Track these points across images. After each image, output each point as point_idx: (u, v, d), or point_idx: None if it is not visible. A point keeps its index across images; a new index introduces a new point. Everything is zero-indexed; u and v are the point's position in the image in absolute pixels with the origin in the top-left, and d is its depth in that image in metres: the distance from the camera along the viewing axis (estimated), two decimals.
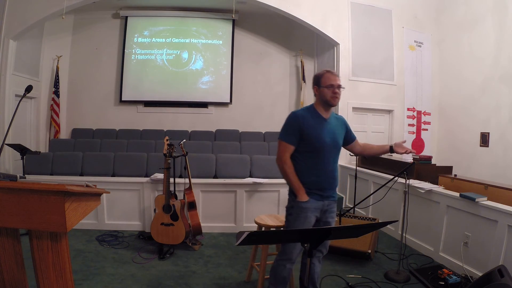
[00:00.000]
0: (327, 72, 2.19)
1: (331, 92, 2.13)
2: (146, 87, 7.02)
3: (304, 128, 2.11)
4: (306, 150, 2.14)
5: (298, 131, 2.12)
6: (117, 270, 3.00)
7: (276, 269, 2.22)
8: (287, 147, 2.14)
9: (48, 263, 1.65)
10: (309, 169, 2.14)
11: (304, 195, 2.12)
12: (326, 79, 2.15)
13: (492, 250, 2.74)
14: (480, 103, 5.47)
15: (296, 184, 2.13)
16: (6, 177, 1.64)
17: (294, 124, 2.13)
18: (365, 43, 6.10)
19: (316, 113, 2.19)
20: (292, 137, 2.13)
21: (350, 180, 5.49)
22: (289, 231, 1.68)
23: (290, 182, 2.16)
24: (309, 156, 2.14)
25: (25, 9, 5.33)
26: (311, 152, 2.13)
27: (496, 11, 5.22)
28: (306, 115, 2.16)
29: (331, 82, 2.14)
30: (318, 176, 2.14)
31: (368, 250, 3.30)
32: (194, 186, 3.85)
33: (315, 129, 2.13)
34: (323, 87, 2.14)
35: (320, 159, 2.14)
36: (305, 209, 2.12)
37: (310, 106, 2.25)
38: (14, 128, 5.23)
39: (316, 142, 2.12)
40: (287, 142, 2.14)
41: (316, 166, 2.13)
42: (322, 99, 2.17)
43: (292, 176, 2.14)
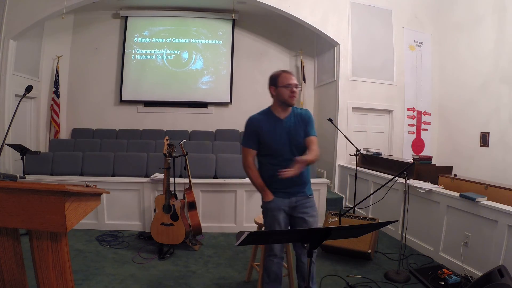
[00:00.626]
0: (283, 72, 2.21)
1: (289, 92, 2.15)
2: (146, 87, 7.02)
3: (260, 132, 2.18)
4: (264, 153, 2.22)
5: (255, 136, 2.20)
6: (117, 270, 3.00)
7: (265, 265, 2.28)
8: (248, 152, 2.23)
9: (48, 263, 1.65)
10: (271, 170, 2.16)
11: (267, 195, 2.21)
12: (283, 78, 2.17)
13: (492, 250, 2.74)
14: (480, 103, 5.47)
15: (259, 186, 2.23)
16: (6, 177, 1.64)
17: (251, 129, 2.22)
18: (365, 43, 6.11)
19: (272, 115, 2.22)
20: (251, 141, 2.22)
21: (350, 180, 5.49)
22: (289, 231, 1.68)
23: (254, 184, 2.26)
24: (270, 158, 2.21)
25: (25, 9, 5.33)
26: (269, 155, 2.21)
27: (496, 11, 5.22)
28: (262, 119, 2.22)
29: (289, 82, 2.16)
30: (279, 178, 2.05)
31: (368, 250, 3.30)
32: (194, 186, 3.85)
33: (270, 132, 2.17)
34: (281, 87, 2.16)
35: (280, 160, 2.16)
36: (270, 208, 2.21)
37: (266, 109, 2.28)
38: (14, 128, 5.24)
39: (272, 145, 2.17)
40: (247, 147, 2.23)
41: (276, 166, 2.11)
42: (279, 99, 2.18)
43: (255, 179, 2.23)
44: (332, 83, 6.25)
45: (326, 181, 4.51)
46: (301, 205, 2.24)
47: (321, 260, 3.37)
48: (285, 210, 2.22)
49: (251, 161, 2.24)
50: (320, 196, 4.39)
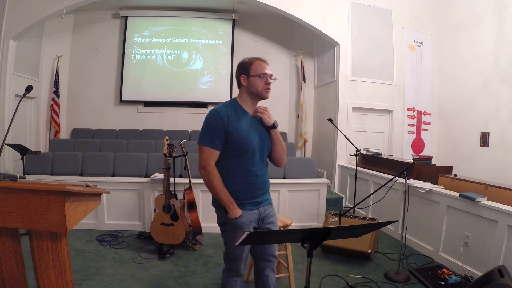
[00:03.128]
0: (257, 59, 1.86)
1: (263, 83, 1.81)
2: (146, 87, 7.02)
3: (229, 128, 1.76)
4: (232, 155, 1.81)
5: (223, 133, 1.76)
6: (117, 270, 3.00)
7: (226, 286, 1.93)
8: (211, 153, 1.78)
9: (48, 263, 1.65)
10: (237, 176, 1.82)
11: (236, 210, 1.79)
12: (257, 66, 1.82)
13: (492, 250, 2.74)
14: (480, 103, 5.47)
15: (226, 198, 1.79)
16: (6, 177, 1.64)
17: (217, 125, 1.76)
18: (365, 43, 6.10)
19: (241, 109, 1.84)
20: (217, 140, 1.77)
21: (350, 180, 5.49)
22: (289, 231, 1.65)
23: (217, 196, 1.81)
24: (236, 161, 1.81)
25: (25, 9, 5.33)
26: (237, 157, 1.81)
27: (496, 11, 5.22)
28: (230, 112, 1.80)
29: (264, 71, 1.81)
30: (249, 183, 1.84)
31: (368, 250, 3.30)
32: (194, 186, 3.85)
33: (241, 128, 1.79)
34: (254, 76, 1.80)
35: (249, 163, 1.82)
36: (240, 225, 1.81)
37: (232, 101, 1.88)
38: (14, 128, 5.24)
39: (244, 144, 1.79)
40: (211, 147, 1.77)
41: (246, 171, 1.82)
42: (251, 91, 1.83)
43: (220, 189, 1.79)
44: (332, 83, 6.25)
45: (326, 181, 4.51)
46: (268, 215, 1.93)
47: (321, 260, 3.37)
48: (254, 225, 1.88)
49: (214, 165, 1.80)
50: (320, 196, 4.39)
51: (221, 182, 1.81)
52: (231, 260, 1.90)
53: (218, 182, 1.80)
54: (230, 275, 1.93)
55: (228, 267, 1.93)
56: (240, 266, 1.90)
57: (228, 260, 1.92)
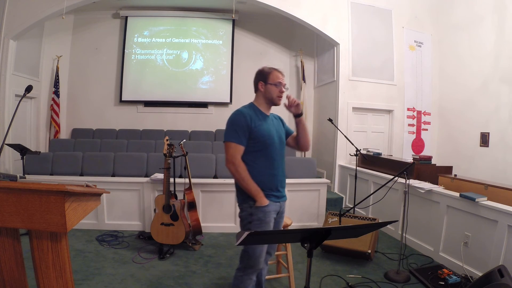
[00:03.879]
0: (275, 69, 2.11)
1: (278, 91, 2.07)
2: (146, 87, 7.02)
3: (252, 125, 1.99)
4: (256, 149, 2.01)
5: (247, 130, 1.98)
6: (117, 270, 3.00)
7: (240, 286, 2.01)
8: (237, 149, 1.97)
9: (48, 263, 1.65)
10: (261, 169, 2.01)
11: (264, 198, 1.97)
12: (274, 76, 2.07)
13: (492, 250, 2.74)
14: (480, 103, 5.47)
15: (254, 188, 1.96)
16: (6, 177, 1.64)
17: (242, 123, 1.98)
18: (365, 43, 6.10)
19: (258, 110, 2.09)
20: (242, 137, 1.98)
21: (350, 180, 5.49)
22: (289, 231, 1.66)
23: (247, 187, 1.97)
24: (259, 156, 2.02)
25: (25, 9, 5.33)
26: (260, 151, 2.01)
27: (496, 11, 5.22)
28: (251, 113, 2.04)
29: (280, 80, 2.07)
30: (272, 176, 2.04)
31: (368, 250, 3.30)
32: (194, 186, 3.85)
33: (262, 125, 2.03)
34: (271, 84, 2.06)
35: (270, 157, 2.04)
36: (268, 212, 1.98)
37: (250, 104, 2.13)
38: (14, 128, 5.24)
39: (266, 138, 2.02)
40: (237, 143, 1.97)
41: (268, 165, 2.03)
42: (267, 96, 2.09)
43: (248, 180, 1.96)
44: (332, 83, 6.25)
45: (326, 181, 4.51)
46: (282, 211, 2.14)
47: (321, 260, 3.37)
48: (275, 215, 2.07)
49: (241, 160, 1.98)
50: (320, 196, 4.39)
51: (248, 173, 1.98)
52: (251, 257, 1.97)
53: (246, 173, 1.97)
54: (246, 273, 2.00)
55: (245, 265, 2.00)
56: (261, 261, 2.00)
57: (247, 257, 1.98)
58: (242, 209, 2.04)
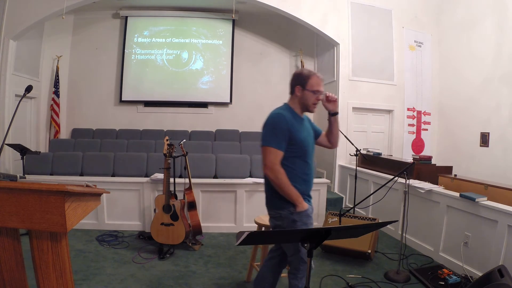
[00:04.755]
0: (315, 75, 2.00)
1: (314, 98, 1.98)
2: (146, 87, 7.02)
3: (292, 130, 1.91)
4: (293, 154, 1.94)
5: (287, 135, 1.90)
6: (117, 270, 3.00)
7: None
8: (277, 154, 1.89)
9: (48, 263, 1.65)
10: (298, 174, 1.96)
11: (304, 202, 1.94)
12: (314, 82, 1.97)
13: (492, 250, 2.74)
14: (480, 103, 5.46)
15: (294, 193, 1.90)
16: (6, 177, 1.64)
17: (283, 128, 1.89)
18: (365, 43, 6.10)
19: (295, 113, 2.01)
20: (282, 142, 1.89)
21: (350, 180, 5.49)
22: (289, 231, 1.67)
23: (287, 193, 1.90)
24: (297, 161, 1.96)
25: (25, 9, 5.33)
26: (298, 157, 1.96)
27: (496, 11, 5.22)
28: (290, 116, 1.96)
29: (318, 88, 1.98)
30: (307, 181, 2.01)
31: (368, 250, 3.30)
32: (194, 186, 3.85)
33: (300, 130, 1.97)
34: (309, 90, 1.97)
35: (306, 162, 1.99)
36: (309, 215, 1.96)
37: (287, 106, 2.04)
38: (14, 128, 5.24)
39: (304, 145, 1.97)
40: (277, 148, 1.88)
41: (305, 170, 1.99)
42: (303, 102, 2.00)
43: (289, 185, 1.89)
44: (332, 83, 6.25)
45: (326, 181, 4.51)
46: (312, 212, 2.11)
47: (321, 260, 3.37)
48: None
49: (280, 165, 1.90)
50: (320, 196, 4.39)
51: (288, 179, 1.90)
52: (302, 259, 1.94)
53: (286, 179, 1.89)
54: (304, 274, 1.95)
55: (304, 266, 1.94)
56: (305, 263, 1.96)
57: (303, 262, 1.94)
58: (280, 216, 1.95)
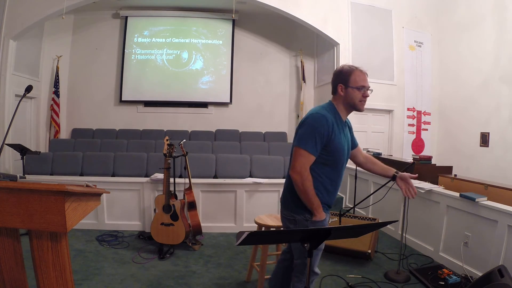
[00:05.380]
0: (357, 69, 1.81)
1: (361, 95, 1.78)
2: (146, 87, 7.02)
3: (332, 136, 1.73)
4: (325, 162, 1.78)
5: (325, 140, 1.73)
6: (117, 270, 3.00)
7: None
8: (309, 159, 1.72)
9: (48, 263, 1.65)
10: (324, 184, 1.81)
11: (323, 213, 1.80)
12: (357, 77, 1.78)
13: (492, 250, 2.74)
14: (480, 103, 5.46)
15: (317, 201, 1.77)
16: (6, 177, 1.64)
17: (324, 131, 1.71)
18: (365, 43, 6.10)
19: (339, 116, 1.83)
20: (319, 146, 1.72)
21: (350, 180, 5.48)
22: (289, 231, 1.67)
23: (309, 200, 1.76)
24: (326, 170, 1.80)
25: (25, 9, 5.33)
26: (330, 165, 1.79)
27: (496, 11, 5.22)
28: (333, 120, 1.77)
29: (363, 83, 1.79)
30: (331, 192, 1.87)
31: (368, 250, 3.30)
32: (194, 186, 3.85)
33: (339, 137, 1.78)
34: (353, 87, 1.77)
35: (337, 171, 1.83)
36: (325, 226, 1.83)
37: (332, 106, 1.85)
38: (14, 128, 5.24)
39: (339, 154, 1.79)
40: (311, 152, 1.71)
41: (332, 181, 1.84)
42: (348, 102, 1.82)
43: (313, 194, 1.75)
44: None
45: None
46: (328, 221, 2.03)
47: (321, 260, 3.34)
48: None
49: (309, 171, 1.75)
50: None
51: (313, 187, 1.76)
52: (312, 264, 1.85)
53: (311, 187, 1.75)
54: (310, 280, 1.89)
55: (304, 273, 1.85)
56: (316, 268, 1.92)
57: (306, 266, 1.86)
58: (294, 220, 1.84)
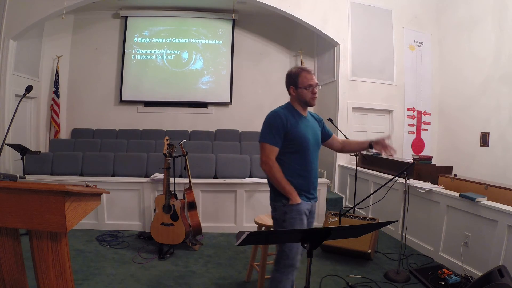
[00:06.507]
0: (303, 71, 2.08)
1: (310, 93, 2.05)
2: (146, 87, 7.02)
3: (288, 127, 2.00)
4: (291, 150, 2.03)
5: (283, 131, 2.00)
6: (117, 270, 3.00)
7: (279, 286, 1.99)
8: (272, 150, 2.01)
9: (48, 263, 1.65)
10: (295, 170, 2.03)
11: (297, 197, 2.00)
12: (303, 79, 2.05)
13: (492, 250, 2.74)
14: (480, 103, 5.46)
15: (288, 186, 1.99)
16: (6, 177, 1.64)
17: (278, 124, 2.00)
18: (365, 43, 6.10)
19: (295, 111, 2.09)
20: (277, 138, 2.00)
21: (350, 180, 5.49)
22: (289, 231, 1.67)
23: (280, 186, 1.99)
24: (294, 157, 2.04)
25: (25, 9, 5.33)
26: (296, 153, 2.03)
27: (496, 11, 5.22)
28: (288, 114, 2.05)
29: (310, 82, 2.05)
30: (305, 177, 2.06)
31: (368, 250, 3.30)
32: (194, 186, 3.85)
33: (298, 127, 2.03)
34: (302, 88, 2.05)
35: (305, 159, 2.05)
36: (300, 211, 2.00)
37: (287, 105, 2.13)
38: (14, 128, 5.24)
39: (301, 141, 2.03)
40: (272, 144, 2.00)
41: (302, 166, 2.05)
42: (301, 100, 2.08)
43: (282, 179, 1.99)
44: (332, 83, 6.25)
45: (326, 181, 4.51)
46: (313, 211, 2.16)
47: (321, 260, 3.37)
48: (307, 214, 2.07)
49: (275, 160, 2.01)
50: (320, 196, 4.38)
51: (282, 173, 2.00)
52: (289, 256, 1.98)
53: (280, 173, 2.00)
54: (286, 273, 2.00)
55: (284, 264, 2.00)
56: (298, 259, 2.03)
57: (285, 257, 1.99)
58: (275, 208, 2.06)
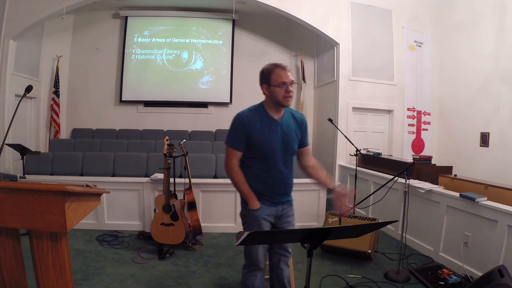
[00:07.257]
0: (276, 67, 1.89)
1: (283, 92, 1.86)
2: (146, 87, 7.02)
3: (251, 132, 1.88)
4: (252, 156, 1.94)
5: (244, 136, 1.89)
6: (117, 270, 3.00)
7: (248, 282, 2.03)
8: (233, 154, 1.93)
9: (48, 263, 1.65)
10: (258, 175, 1.95)
11: (254, 203, 1.93)
12: (277, 76, 1.86)
13: (492, 250, 2.74)
14: (480, 103, 5.46)
15: (246, 191, 1.94)
16: (6, 177, 1.64)
17: (240, 129, 1.89)
18: (365, 43, 6.10)
19: (265, 114, 1.93)
20: (238, 142, 1.91)
21: (350, 180, 5.49)
22: (289, 231, 1.68)
23: (239, 190, 1.97)
24: (256, 162, 1.95)
25: (25, 9, 5.33)
26: (259, 159, 1.94)
27: (496, 11, 5.22)
28: (253, 117, 1.91)
29: (283, 80, 1.85)
30: (268, 184, 1.96)
31: (368, 250, 3.30)
32: (194, 186, 3.85)
33: (262, 133, 1.89)
34: (274, 86, 1.86)
35: (269, 165, 1.94)
36: (257, 217, 1.95)
37: (258, 106, 1.98)
38: (14, 128, 5.23)
39: (264, 148, 1.90)
40: (233, 148, 1.92)
41: (266, 172, 1.95)
42: (274, 100, 1.90)
43: (240, 184, 1.94)
44: (332, 83, 6.25)
45: None
46: (285, 214, 2.04)
47: (321, 260, 3.37)
48: (270, 220, 2.00)
49: (236, 163, 1.95)
50: (320, 196, 4.40)
51: (241, 177, 1.96)
52: (250, 255, 2.00)
53: (239, 177, 1.96)
54: (250, 270, 2.03)
55: (247, 262, 2.04)
56: (258, 259, 2.00)
57: (247, 255, 2.03)
58: (241, 206, 2.07)
